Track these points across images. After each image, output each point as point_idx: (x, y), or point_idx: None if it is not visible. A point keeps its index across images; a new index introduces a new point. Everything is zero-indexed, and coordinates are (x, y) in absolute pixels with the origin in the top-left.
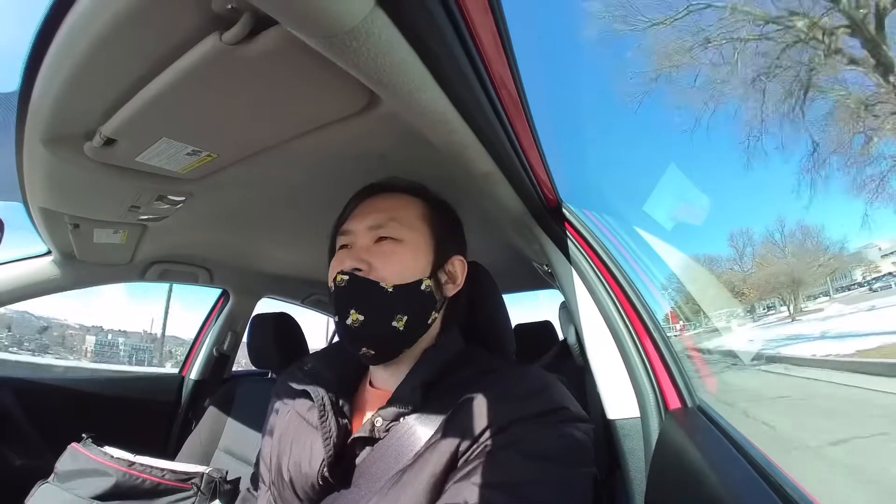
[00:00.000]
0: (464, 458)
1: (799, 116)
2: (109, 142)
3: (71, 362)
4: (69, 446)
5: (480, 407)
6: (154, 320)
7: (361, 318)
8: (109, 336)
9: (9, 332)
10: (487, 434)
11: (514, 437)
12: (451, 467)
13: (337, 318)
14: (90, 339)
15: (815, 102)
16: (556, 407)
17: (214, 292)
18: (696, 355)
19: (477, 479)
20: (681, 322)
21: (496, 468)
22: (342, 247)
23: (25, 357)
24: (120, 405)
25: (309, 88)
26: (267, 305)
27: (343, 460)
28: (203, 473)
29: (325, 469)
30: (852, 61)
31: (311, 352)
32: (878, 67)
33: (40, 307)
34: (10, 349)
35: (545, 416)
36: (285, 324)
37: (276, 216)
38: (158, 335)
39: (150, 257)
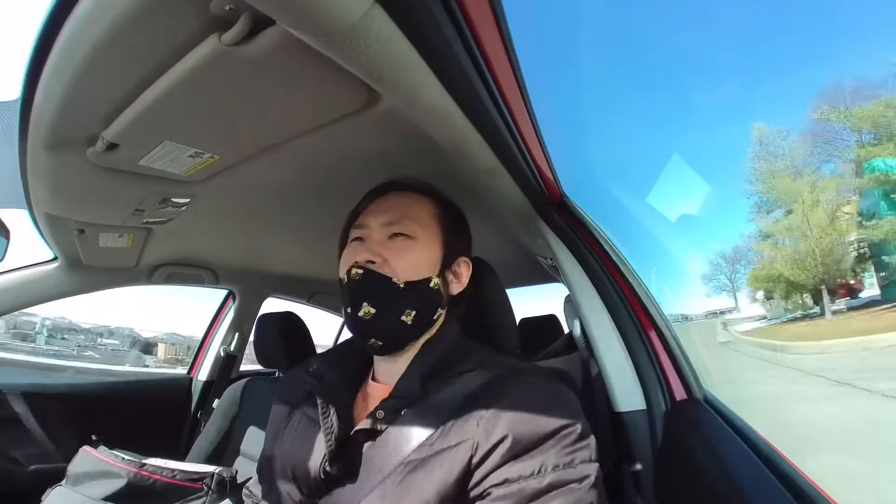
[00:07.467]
0: (479, 473)
1: None
2: (112, 146)
3: None
4: (81, 449)
5: (490, 410)
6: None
7: (373, 311)
8: None
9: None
10: (504, 452)
11: (538, 479)
12: (465, 478)
13: (350, 310)
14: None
15: None
16: (569, 423)
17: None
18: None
19: None
20: None
21: None
22: (356, 239)
23: None
24: (130, 408)
25: (309, 87)
26: (272, 305)
27: (346, 454)
28: (213, 473)
29: (327, 463)
30: None
31: (317, 350)
32: None
33: (78, 312)
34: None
35: (562, 436)
36: (292, 323)
37: (279, 216)
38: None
39: (156, 260)
